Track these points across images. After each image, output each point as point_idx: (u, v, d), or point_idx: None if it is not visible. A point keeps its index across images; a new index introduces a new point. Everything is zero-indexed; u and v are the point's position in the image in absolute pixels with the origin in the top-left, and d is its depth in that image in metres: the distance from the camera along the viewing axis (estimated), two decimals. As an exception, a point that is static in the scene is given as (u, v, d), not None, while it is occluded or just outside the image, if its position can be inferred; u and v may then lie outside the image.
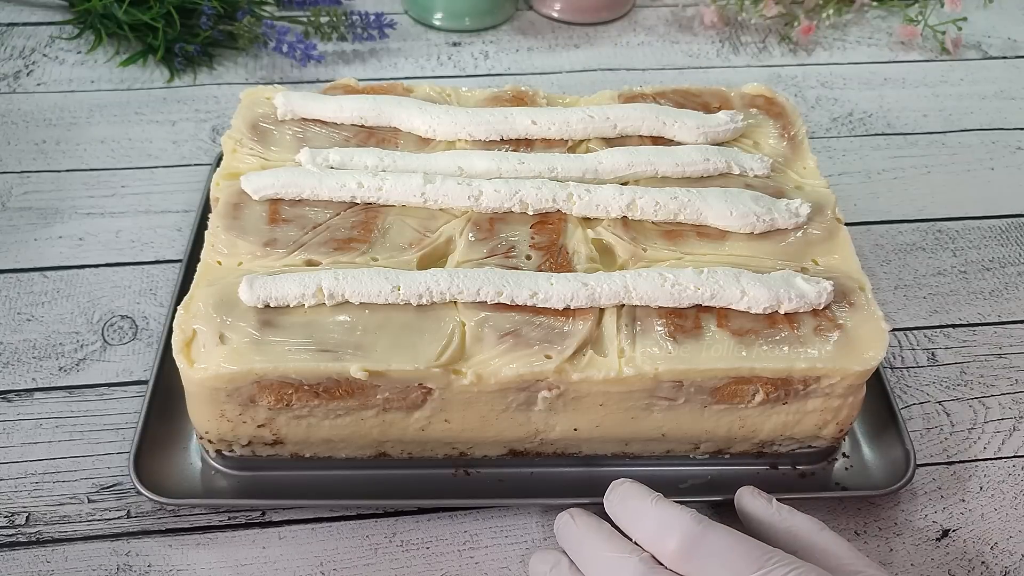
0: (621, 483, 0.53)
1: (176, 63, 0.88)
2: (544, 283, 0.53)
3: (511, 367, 0.52)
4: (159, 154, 0.80)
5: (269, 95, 0.65)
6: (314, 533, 0.56)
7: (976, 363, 0.67)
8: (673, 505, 0.51)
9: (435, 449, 0.57)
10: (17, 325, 0.66)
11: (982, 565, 0.56)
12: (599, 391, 0.53)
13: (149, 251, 0.72)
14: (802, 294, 0.54)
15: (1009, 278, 0.74)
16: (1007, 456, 0.62)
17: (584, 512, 0.53)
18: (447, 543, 0.56)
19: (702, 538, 0.49)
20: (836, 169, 0.83)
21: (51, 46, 0.91)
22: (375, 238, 0.57)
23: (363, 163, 0.60)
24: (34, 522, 0.56)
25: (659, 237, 0.58)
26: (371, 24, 0.93)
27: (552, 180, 0.60)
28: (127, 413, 0.61)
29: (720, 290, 0.54)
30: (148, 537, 0.55)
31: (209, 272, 0.55)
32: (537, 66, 0.93)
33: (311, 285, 0.53)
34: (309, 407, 0.53)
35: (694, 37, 0.98)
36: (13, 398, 0.62)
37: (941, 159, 0.85)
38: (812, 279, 0.55)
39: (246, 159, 0.62)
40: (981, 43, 1.00)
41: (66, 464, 0.58)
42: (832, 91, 0.92)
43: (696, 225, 0.59)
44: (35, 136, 0.81)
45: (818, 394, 0.54)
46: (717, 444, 0.58)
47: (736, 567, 0.47)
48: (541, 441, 0.57)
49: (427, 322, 0.53)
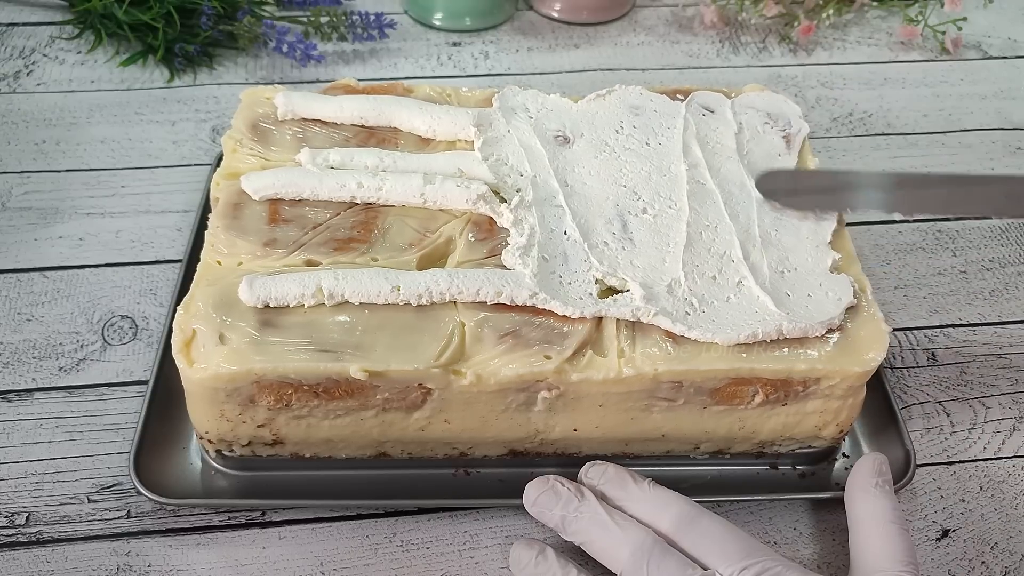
0: (603, 465, 0.54)
1: (176, 63, 0.88)
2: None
3: (511, 367, 0.52)
4: (159, 154, 0.80)
5: (269, 95, 0.65)
6: (314, 533, 0.56)
7: (976, 363, 0.67)
8: (668, 489, 0.53)
9: (435, 449, 0.57)
10: (17, 325, 0.66)
11: (982, 565, 0.56)
12: (599, 391, 0.53)
13: (149, 251, 0.72)
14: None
15: (1009, 278, 0.74)
16: (1007, 456, 0.62)
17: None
18: (447, 543, 0.56)
19: (697, 519, 0.51)
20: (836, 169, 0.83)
21: (51, 46, 0.91)
22: (375, 238, 0.57)
23: (363, 163, 0.60)
24: (34, 522, 0.56)
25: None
26: (371, 24, 0.93)
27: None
28: (127, 413, 0.61)
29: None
30: (148, 537, 0.55)
31: (209, 272, 0.55)
32: (537, 66, 0.93)
33: (311, 285, 0.53)
34: (309, 407, 0.53)
35: (694, 37, 0.98)
36: (13, 398, 0.62)
37: (941, 159, 0.85)
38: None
39: (246, 159, 0.62)
40: (981, 43, 1.00)
41: (66, 464, 0.58)
42: (832, 91, 0.92)
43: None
44: (35, 136, 0.81)
45: (818, 395, 0.54)
46: (717, 444, 0.58)
47: (726, 550, 0.49)
48: (541, 441, 0.57)
49: (427, 322, 0.53)
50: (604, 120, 0.65)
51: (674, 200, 0.59)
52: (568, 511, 0.52)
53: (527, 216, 0.57)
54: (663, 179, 0.61)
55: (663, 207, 0.59)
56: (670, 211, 0.59)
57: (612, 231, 0.57)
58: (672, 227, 0.58)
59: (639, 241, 0.57)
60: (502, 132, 0.63)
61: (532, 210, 0.57)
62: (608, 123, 0.64)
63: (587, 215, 0.58)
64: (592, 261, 0.55)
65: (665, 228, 0.58)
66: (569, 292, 0.54)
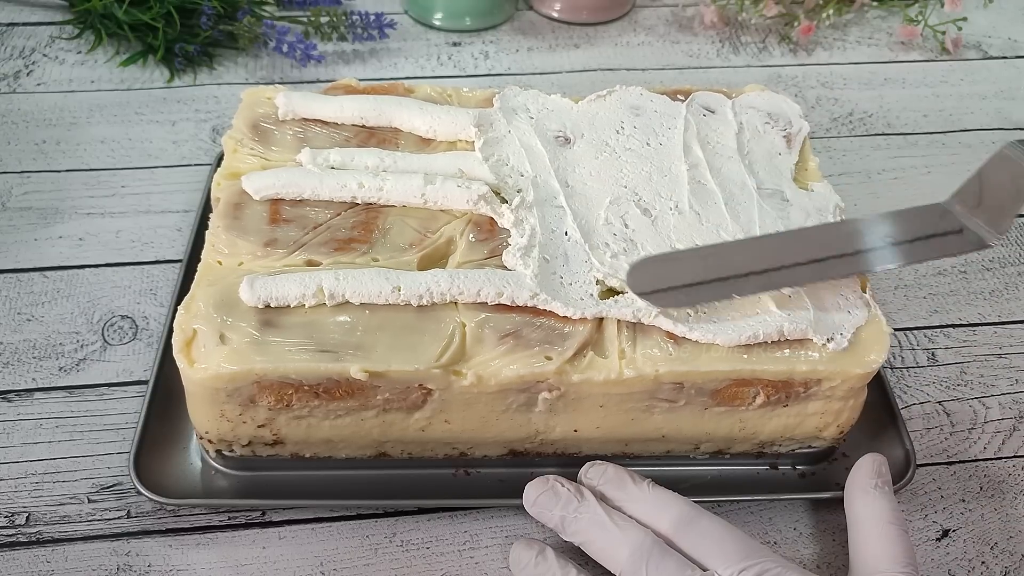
0: (603, 465, 0.54)
1: (176, 63, 0.88)
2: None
3: (511, 368, 0.52)
4: (159, 154, 0.80)
5: (270, 95, 0.65)
6: (314, 533, 0.56)
7: (976, 363, 0.67)
8: (667, 490, 0.53)
9: (435, 449, 0.57)
10: (17, 325, 0.66)
11: (982, 565, 0.56)
12: (599, 392, 0.53)
13: (149, 251, 0.72)
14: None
15: (1009, 278, 0.74)
16: (1007, 456, 0.62)
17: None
18: (447, 543, 0.56)
19: (696, 520, 0.51)
20: (836, 169, 0.83)
21: (51, 46, 0.91)
22: (376, 238, 0.57)
23: (364, 163, 0.60)
24: (34, 522, 0.56)
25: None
26: (371, 24, 0.93)
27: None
28: (127, 413, 0.61)
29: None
30: (148, 537, 0.55)
31: (210, 272, 0.55)
32: (537, 66, 0.93)
33: (311, 285, 0.53)
34: (309, 407, 0.53)
35: (694, 37, 0.98)
36: (13, 398, 0.62)
37: (941, 159, 0.85)
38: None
39: (247, 159, 0.62)
40: (981, 43, 1.00)
41: (66, 464, 0.58)
42: (832, 91, 0.92)
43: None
44: (35, 136, 0.81)
45: (819, 396, 0.54)
46: (717, 445, 0.58)
47: (726, 551, 0.49)
48: (541, 442, 0.57)
49: (427, 323, 0.53)
50: (605, 120, 0.65)
51: (675, 200, 0.59)
52: (568, 511, 0.52)
53: (528, 217, 0.57)
54: (664, 179, 0.61)
55: (664, 207, 0.59)
56: (671, 211, 0.59)
57: (613, 232, 0.57)
58: (673, 227, 0.58)
59: (640, 242, 0.57)
60: (503, 132, 0.63)
61: (533, 211, 0.57)
62: (609, 123, 0.64)
63: (588, 216, 0.58)
64: (593, 262, 0.55)
65: (666, 228, 0.58)
66: (570, 293, 0.54)
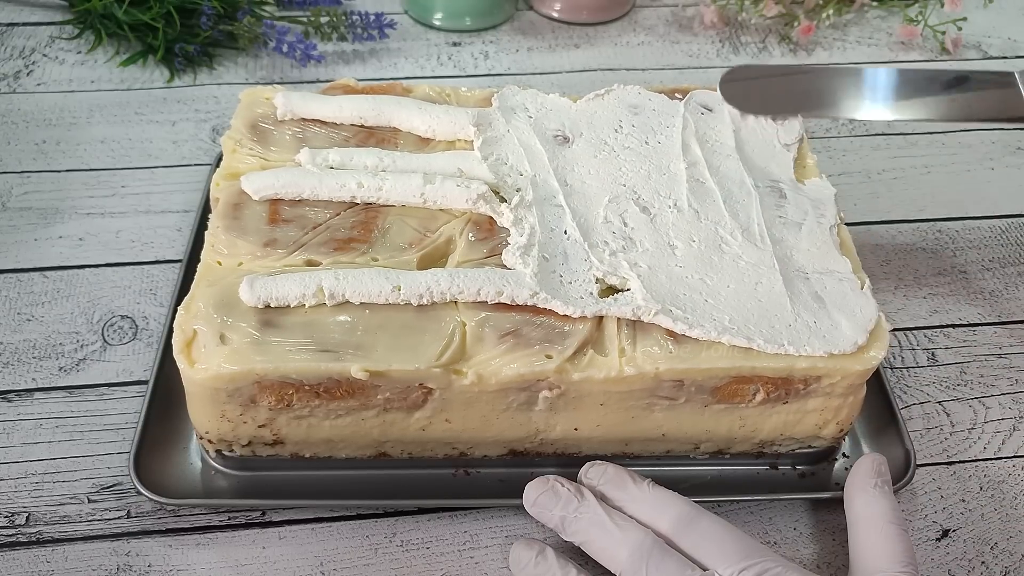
0: (603, 465, 0.54)
1: (176, 63, 0.88)
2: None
3: (512, 367, 0.52)
4: (159, 154, 0.80)
5: (269, 95, 0.65)
6: (314, 533, 0.56)
7: (976, 363, 0.67)
8: (667, 490, 0.53)
9: (435, 449, 0.57)
10: (17, 325, 0.66)
11: (982, 565, 0.56)
12: (600, 391, 0.53)
13: (149, 251, 0.72)
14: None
15: (1009, 278, 0.74)
16: (1007, 456, 0.62)
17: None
18: (447, 543, 0.56)
19: (696, 520, 0.51)
20: (836, 169, 0.83)
21: (51, 46, 0.91)
22: (375, 238, 0.57)
23: (363, 163, 0.60)
24: (34, 522, 0.56)
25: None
26: (371, 24, 0.93)
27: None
28: (127, 413, 0.61)
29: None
30: (148, 537, 0.55)
31: (209, 272, 0.55)
32: (537, 66, 0.93)
33: (311, 285, 0.53)
34: (310, 407, 0.53)
35: (694, 37, 0.98)
36: (13, 398, 0.62)
37: (941, 159, 0.85)
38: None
39: (246, 159, 0.62)
40: (981, 43, 1.00)
41: (66, 464, 0.58)
42: (832, 91, 0.92)
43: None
44: (35, 136, 0.81)
45: (818, 393, 0.54)
46: (717, 444, 0.58)
47: (726, 551, 0.49)
48: (541, 441, 0.57)
49: (427, 322, 0.53)
50: (603, 119, 0.65)
51: (674, 198, 0.59)
52: (568, 511, 0.52)
53: (527, 215, 0.57)
54: (662, 178, 0.61)
55: (663, 205, 0.59)
56: (670, 209, 0.59)
57: (612, 230, 0.57)
58: (672, 225, 0.58)
59: (639, 240, 0.57)
60: (501, 132, 0.63)
61: (532, 209, 0.57)
62: (607, 122, 0.64)
63: (587, 214, 0.58)
64: (592, 260, 0.55)
65: (665, 226, 0.58)
66: (570, 291, 0.54)
